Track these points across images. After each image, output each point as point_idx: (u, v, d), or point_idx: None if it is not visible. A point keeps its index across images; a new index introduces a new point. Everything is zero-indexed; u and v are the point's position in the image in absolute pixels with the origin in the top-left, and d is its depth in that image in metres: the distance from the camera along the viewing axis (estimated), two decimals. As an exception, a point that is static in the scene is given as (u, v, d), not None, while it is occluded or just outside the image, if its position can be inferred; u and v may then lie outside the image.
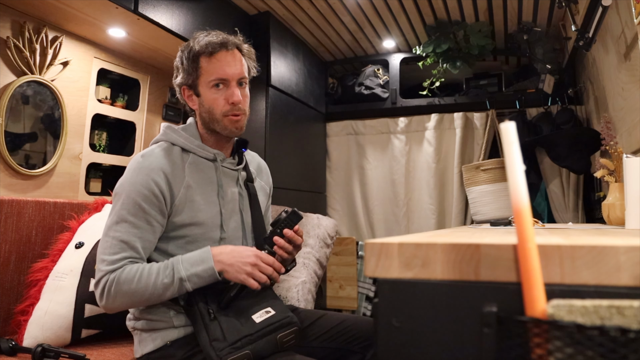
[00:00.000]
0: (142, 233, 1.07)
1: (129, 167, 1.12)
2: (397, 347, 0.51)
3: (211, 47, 1.14)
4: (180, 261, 1.05)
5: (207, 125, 1.19)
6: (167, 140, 1.18)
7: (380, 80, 3.10)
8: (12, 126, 1.76)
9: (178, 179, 1.12)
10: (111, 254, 1.04)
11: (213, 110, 1.16)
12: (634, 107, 1.61)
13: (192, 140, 1.18)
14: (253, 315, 1.05)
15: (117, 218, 1.07)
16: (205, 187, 1.16)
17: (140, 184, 1.07)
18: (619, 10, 1.66)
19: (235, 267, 1.05)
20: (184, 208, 1.11)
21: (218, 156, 1.19)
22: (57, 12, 1.76)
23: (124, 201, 1.07)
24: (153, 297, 1.04)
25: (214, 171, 1.19)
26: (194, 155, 1.18)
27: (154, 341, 1.11)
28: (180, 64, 1.19)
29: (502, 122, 0.48)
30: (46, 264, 1.42)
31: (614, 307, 0.41)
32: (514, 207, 0.47)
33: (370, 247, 0.53)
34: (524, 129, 2.74)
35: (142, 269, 1.04)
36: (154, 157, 1.12)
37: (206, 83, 1.16)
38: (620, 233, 0.82)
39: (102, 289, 1.04)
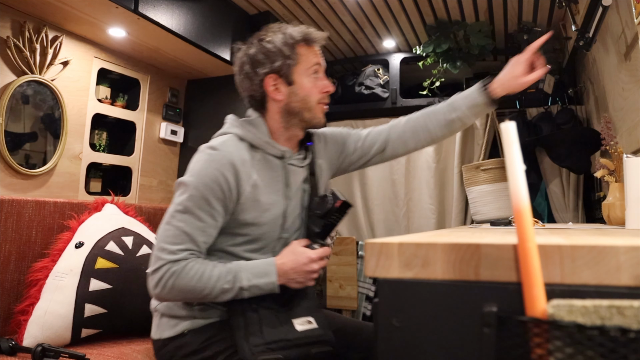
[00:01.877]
0: (205, 227, 1.04)
1: (199, 158, 1.09)
2: (397, 347, 0.51)
3: (309, 36, 1.14)
4: (244, 269, 1.04)
5: (290, 117, 1.15)
6: (236, 134, 1.13)
7: (380, 80, 3.10)
8: (12, 126, 1.76)
9: (246, 176, 1.08)
10: (173, 243, 1.02)
11: (308, 98, 1.13)
12: (634, 107, 1.61)
13: (261, 136, 1.14)
14: (294, 319, 1.04)
15: (183, 208, 1.04)
16: (271, 186, 1.13)
17: (209, 177, 1.04)
18: (619, 10, 1.65)
19: (296, 280, 1.06)
20: (248, 207, 1.09)
21: (286, 154, 1.15)
22: (57, 11, 1.76)
23: (192, 193, 1.04)
24: (208, 297, 1.03)
25: (281, 170, 1.15)
26: (262, 152, 1.14)
27: (172, 328, 1.11)
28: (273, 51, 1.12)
29: (502, 122, 0.48)
30: (46, 264, 1.42)
31: (614, 307, 0.41)
32: (514, 207, 0.47)
33: (370, 247, 0.53)
34: (524, 129, 2.74)
35: (203, 268, 1.02)
36: (226, 150, 1.07)
37: (304, 70, 1.13)
38: (621, 233, 0.82)
39: (160, 279, 1.01)
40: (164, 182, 2.48)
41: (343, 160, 1.34)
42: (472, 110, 1.25)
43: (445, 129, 1.29)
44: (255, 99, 1.17)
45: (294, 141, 1.20)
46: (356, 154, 1.34)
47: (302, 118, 1.15)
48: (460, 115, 1.26)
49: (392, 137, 1.33)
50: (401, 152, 1.35)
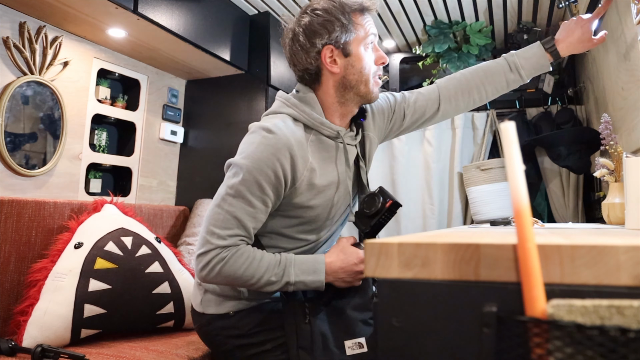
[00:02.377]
0: (257, 213, 1.02)
1: (252, 140, 1.04)
2: (397, 347, 0.51)
3: (364, 5, 1.09)
4: (293, 264, 1.02)
5: (346, 91, 1.10)
6: (291, 115, 1.09)
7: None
8: (12, 126, 1.76)
9: (302, 160, 1.04)
10: (223, 228, 1.00)
11: (364, 70, 1.09)
12: (634, 107, 1.61)
13: (315, 117, 1.09)
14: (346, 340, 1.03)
15: (235, 192, 1.00)
16: (326, 168, 1.10)
17: (265, 162, 1.00)
18: (619, 10, 1.66)
19: (344, 279, 1.05)
20: (303, 191, 1.06)
21: (340, 132, 1.11)
22: (57, 12, 1.76)
23: (245, 177, 1.00)
24: (254, 286, 1.01)
25: (335, 151, 1.11)
26: (317, 133, 1.10)
27: (217, 306, 1.10)
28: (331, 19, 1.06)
29: (502, 122, 0.48)
30: (45, 264, 1.42)
31: (613, 307, 0.41)
32: (514, 207, 0.47)
33: (370, 247, 0.53)
34: (524, 129, 2.74)
35: (252, 257, 1.00)
36: (281, 134, 1.02)
37: (361, 40, 1.08)
38: (620, 233, 0.82)
39: (207, 263, 1.00)
40: (163, 183, 2.48)
41: (392, 128, 1.30)
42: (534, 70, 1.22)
43: (503, 89, 1.26)
44: (309, 72, 1.11)
45: (347, 118, 1.15)
46: (407, 119, 1.29)
47: (357, 92, 1.10)
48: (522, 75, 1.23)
49: (444, 98, 1.26)
50: (452, 114, 1.31)
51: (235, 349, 1.10)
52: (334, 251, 1.07)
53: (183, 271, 1.66)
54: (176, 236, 2.22)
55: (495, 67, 1.25)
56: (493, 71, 1.25)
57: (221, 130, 2.50)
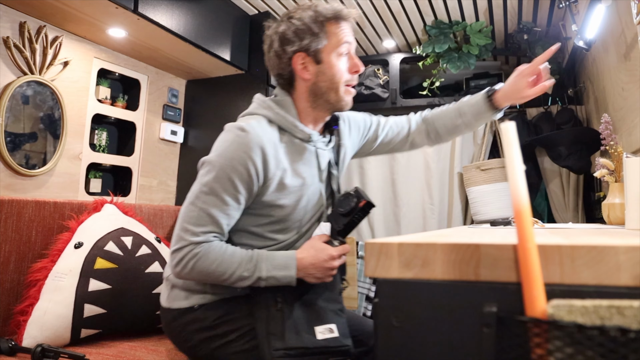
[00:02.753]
0: (229, 210, 1.04)
1: (225, 138, 1.07)
2: (397, 347, 0.51)
3: (338, 14, 1.11)
4: (264, 259, 1.04)
5: (317, 97, 1.13)
6: (265, 116, 1.12)
7: (380, 80, 3.10)
8: (12, 126, 1.76)
9: (275, 159, 1.07)
10: (196, 224, 1.02)
11: (335, 77, 1.11)
12: (634, 107, 1.61)
13: (289, 118, 1.12)
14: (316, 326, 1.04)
15: (208, 189, 1.03)
16: (297, 169, 1.12)
17: (237, 160, 1.03)
18: (619, 10, 1.66)
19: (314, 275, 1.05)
20: (274, 190, 1.08)
21: (313, 136, 1.14)
22: (57, 12, 1.76)
23: (217, 174, 1.03)
24: (226, 282, 1.03)
25: (307, 153, 1.14)
26: (290, 135, 1.12)
27: (183, 299, 1.11)
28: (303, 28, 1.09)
29: (502, 122, 0.48)
30: (45, 264, 1.42)
31: (614, 307, 0.41)
32: (514, 207, 0.47)
33: (370, 247, 0.53)
34: (524, 129, 2.74)
35: (224, 253, 1.02)
36: (255, 133, 1.04)
37: (332, 48, 1.10)
38: (620, 233, 0.82)
39: (181, 259, 1.02)
40: (164, 183, 2.48)
41: (364, 146, 1.36)
42: (477, 117, 1.28)
43: (452, 133, 1.34)
44: (283, 77, 1.14)
45: (320, 123, 1.18)
46: (377, 143, 1.36)
47: (328, 99, 1.12)
48: (466, 121, 1.29)
49: (413, 132, 1.36)
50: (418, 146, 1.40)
51: (200, 343, 1.10)
52: (306, 247, 1.08)
53: (183, 271, 1.65)
54: (176, 236, 2.21)
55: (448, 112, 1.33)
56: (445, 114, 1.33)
57: (221, 130, 2.50)
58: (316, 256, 1.05)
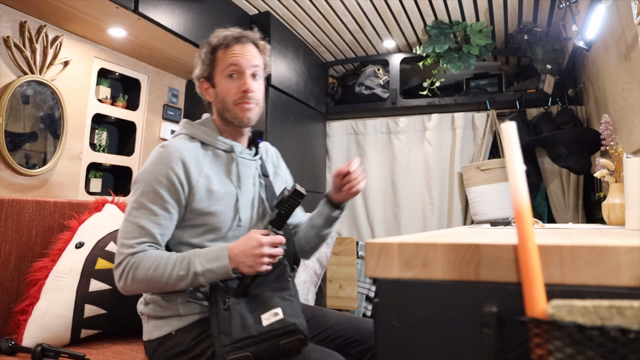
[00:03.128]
0: (160, 220, 1.11)
1: (150, 158, 1.16)
2: (397, 347, 0.51)
3: (227, 40, 1.21)
4: (197, 255, 1.08)
5: (222, 115, 1.23)
6: (187, 134, 1.22)
7: (380, 80, 3.10)
8: (13, 126, 1.76)
9: (197, 169, 1.15)
10: (130, 238, 1.08)
11: (226, 99, 1.21)
12: (634, 107, 1.61)
13: (210, 133, 1.22)
14: (263, 314, 1.06)
15: (137, 204, 1.11)
16: (223, 177, 1.20)
17: (159, 172, 1.11)
18: (619, 10, 1.66)
19: (247, 263, 1.07)
20: (202, 198, 1.14)
21: (235, 147, 1.23)
22: (58, 11, 1.76)
23: (143, 189, 1.11)
24: (167, 286, 1.07)
25: (231, 162, 1.22)
26: (213, 148, 1.21)
27: (159, 329, 1.14)
28: (199, 58, 1.25)
29: (502, 122, 0.48)
30: (46, 264, 1.42)
31: (614, 308, 0.41)
32: (514, 207, 0.47)
33: (370, 247, 0.53)
34: (524, 129, 2.74)
35: (159, 258, 1.07)
36: (174, 147, 1.15)
37: (221, 73, 1.21)
38: (621, 233, 0.82)
39: (121, 272, 1.08)
40: (164, 182, 2.48)
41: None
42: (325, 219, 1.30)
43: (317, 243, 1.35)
44: (204, 101, 1.30)
45: (239, 137, 1.27)
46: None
47: (225, 117, 1.23)
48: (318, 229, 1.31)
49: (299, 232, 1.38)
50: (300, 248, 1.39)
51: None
52: (239, 239, 1.12)
53: (183, 271, 1.65)
54: (176, 236, 2.22)
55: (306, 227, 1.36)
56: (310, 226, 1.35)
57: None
58: (245, 243, 1.09)
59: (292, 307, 1.09)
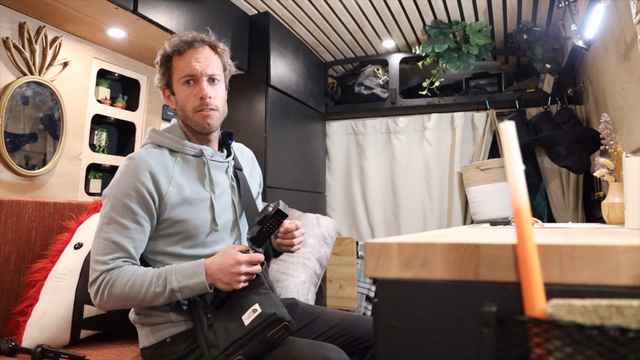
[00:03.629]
0: (132, 233, 1.09)
1: (118, 171, 1.15)
2: (397, 347, 0.51)
3: (180, 46, 1.19)
4: (174, 272, 1.07)
5: (184, 122, 1.22)
6: (153, 142, 1.20)
7: (379, 80, 3.10)
8: (12, 127, 1.76)
9: (166, 178, 1.13)
10: (104, 254, 1.07)
11: (185, 107, 1.19)
12: (634, 106, 1.61)
13: (177, 139, 1.20)
14: (242, 315, 1.06)
15: (107, 219, 1.09)
16: (195, 182, 1.18)
17: (127, 185, 1.10)
18: (618, 9, 1.66)
19: (224, 280, 1.07)
20: (174, 206, 1.13)
21: (205, 151, 1.21)
22: (57, 12, 1.76)
23: (112, 203, 1.10)
24: (144, 302, 1.06)
25: (203, 166, 1.20)
26: (182, 154, 1.20)
27: (153, 334, 1.14)
28: (157, 66, 1.23)
29: (501, 122, 0.48)
30: (45, 265, 1.42)
31: (613, 307, 0.41)
32: (514, 207, 0.47)
33: (370, 247, 0.53)
34: (524, 129, 2.74)
35: (135, 275, 1.06)
36: (140, 158, 1.13)
37: (177, 80, 1.19)
38: (620, 232, 0.82)
39: (97, 289, 1.07)
40: (163, 183, 2.48)
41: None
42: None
43: None
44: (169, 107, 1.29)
45: (207, 141, 1.25)
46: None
47: (187, 123, 1.21)
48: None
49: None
50: None
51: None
52: (218, 254, 1.10)
53: (183, 271, 1.65)
54: (176, 236, 2.22)
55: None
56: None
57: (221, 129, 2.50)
58: (223, 260, 1.07)
59: (269, 298, 1.09)
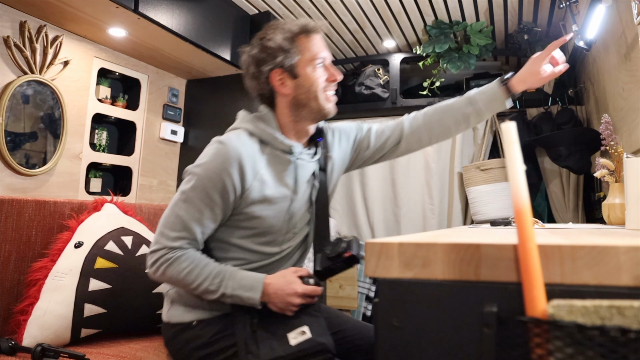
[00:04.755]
0: (204, 220, 1.08)
1: (208, 150, 1.11)
2: (397, 347, 0.51)
3: (308, 28, 1.14)
4: (232, 278, 1.06)
5: (299, 109, 1.15)
6: (246, 129, 1.15)
7: (380, 80, 3.10)
8: (13, 126, 1.76)
9: (252, 171, 1.09)
10: (172, 229, 1.07)
11: (314, 88, 1.13)
12: (634, 107, 1.61)
13: (271, 131, 1.14)
14: (289, 333, 1.05)
15: (185, 197, 1.07)
16: (279, 181, 1.13)
17: (213, 171, 1.06)
18: (619, 10, 1.65)
19: (277, 305, 1.06)
20: (254, 201, 1.10)
21: (295, 148, 1.15)
22: (58, 11, 1.76)
23: (195, 184, 1.07)
24: (194, 292, 1.07)
25: (289, 165, 1.15)
26: (271, 148, 1.14)
27: (181, 315, 1.13)
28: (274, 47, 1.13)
29: (502, 122, 0.48)
30: (45, 264, 1.42)
31: (614, 307, 0.41)
32: (515, 207, 0.47)
33: (370, 247, 0.53)
34: (524, 129, 2.74)
35: (194, 264, 1.06)
36: (232, 147, 1.08)
37: (307, 62, 1.13)
38: (621, 233, 0.82)
39: (154, 262, 1.07)
40: (164, 182, 2.48)
41: (357, 156, 1.35)
42: (490, 105, 1.26)
43: (462, 123, 1.30)
44: (264, 96, 1.19)
45: (303, 136, 1.20)
46: (370, 149, 1.34)
47: (310, 109, 1.15)
48: (478, 109, 1.27)
49: (407, 132, 1.32)
50: (415, 147, 1.35)
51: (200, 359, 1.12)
52: (278, 275, 1.09)
53: (183, 271, 1.65)
54: (176, 236, 2.22)
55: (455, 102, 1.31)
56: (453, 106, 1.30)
57: (221, 129, 2.48)
58: (282, 287, 1.06)
59: (319, 324, 1.08)
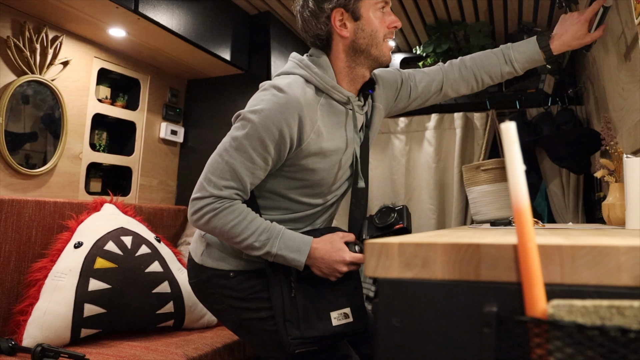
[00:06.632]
0: (255, 169, 1.03)
1: (262, 97, 1.04)
2: (397, 347, 0.51)
3: None
4: (279, 238, 1.02)
5: (356, 55, 1.10)
6: (303, 76, 1.09)
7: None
8: (13, 126, 1.76)
9: (310, 122, 1.04)
10: (220, 177, 1.01)
11: (376, 33, 1.09)
12: (634, 107, 1.61)
13: (328, 80, 1.08)
14: (332, 312, 1.04)
15: (237, 145, 1.02)
16: (334, 133, 1.10)
17: (272, 120, 1.00)
18: (619, 10, 1.65)
19: (323, 270, 1.04)
20: (309, 154, 1.06)
21: (352, 99, 1.12)
22: (58, 11, 1.76)
23: (249, 131, 1.01)
24: (237, 245, 1.03)
25: (344, 116, 1.12)
26: (327, 97, 1.09)
27: (218, 261, 1.11)
28: None
29: (502, 122, 0.48)
30: (45, 264, 1.42)
31: (614, 307, 0.41)
32: (515, 207, 0.47)
33: (370, 247, 0.53)
34: (524, 129, 2.74)
35: (242, 217, 1.01)
36: (292, 95, 1.02)
37: (371, 5, 1.08)
38: (621, 233, 0.82)
39: (200, 209, 1.02)
40: (164, 182, 2.48)
41: (398, 102, 1.34)
42: (527, 64, 1.28)
43: (498, 79, 1.32)
44: (320, 38, 1.11)
45: (356, 84, 1.15)
46: (412, 96, 1.34)
47: (368, 55, 1.11)
48: (516, 68, 1.29)
49: (447, 81, 1.32)
50: (451, 95, 1.36)
51: (231, 309, 1.11)
52: (325, 239, 1.05)
53: (183, 271, 1.66)
54: (176, 236, 2.22)
55: (492, 59, 1.31)
56: (491, 62, 1.31)
57: (221, 130, 2.48)
58: (329, 253, 1.03)
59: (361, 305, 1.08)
